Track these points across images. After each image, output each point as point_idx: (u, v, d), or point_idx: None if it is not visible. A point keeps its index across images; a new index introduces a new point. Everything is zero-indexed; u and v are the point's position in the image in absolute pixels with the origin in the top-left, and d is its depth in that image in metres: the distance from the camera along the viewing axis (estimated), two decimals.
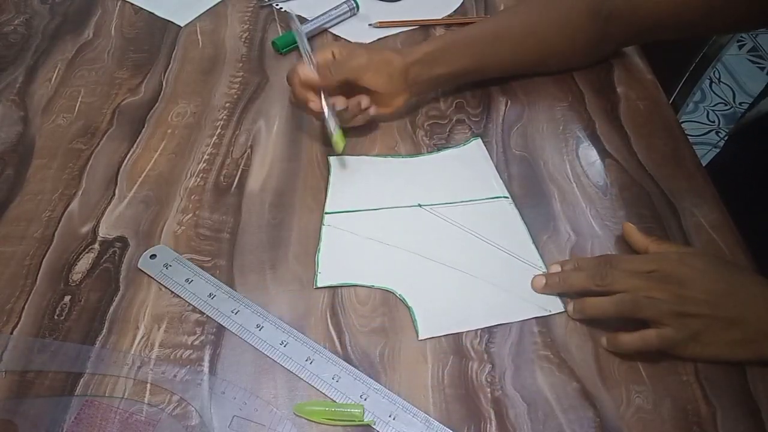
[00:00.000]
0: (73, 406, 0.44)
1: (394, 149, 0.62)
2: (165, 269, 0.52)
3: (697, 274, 0.46)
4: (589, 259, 0.51)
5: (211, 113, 0.66)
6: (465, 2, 0.81)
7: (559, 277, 0.50)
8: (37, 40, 0.76)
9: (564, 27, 0.64)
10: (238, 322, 0.49)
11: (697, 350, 0.45)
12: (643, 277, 0.46)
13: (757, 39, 2.01)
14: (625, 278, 0.46)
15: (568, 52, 0.66)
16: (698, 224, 0.55)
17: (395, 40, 0.76)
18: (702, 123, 1.75)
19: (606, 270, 0.47)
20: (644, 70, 0.71)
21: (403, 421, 0.43)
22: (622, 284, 0.46)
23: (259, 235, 0.55)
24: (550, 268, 0.51)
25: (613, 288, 0.46)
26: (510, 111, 0.66)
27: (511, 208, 0.56)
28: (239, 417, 0.44)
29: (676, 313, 0.44)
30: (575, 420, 0.44)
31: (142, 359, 0.47)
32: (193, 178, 0.60)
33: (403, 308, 0.50)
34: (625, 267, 0.47)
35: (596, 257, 0.50)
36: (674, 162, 0.60)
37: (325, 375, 0.46)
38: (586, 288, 0.48)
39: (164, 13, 0.79)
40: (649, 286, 0.45)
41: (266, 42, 0.75)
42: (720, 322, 0.44)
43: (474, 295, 0.51)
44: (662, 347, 0.45)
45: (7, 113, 0.66)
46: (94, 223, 0.56)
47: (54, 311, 0.50)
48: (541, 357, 0.47)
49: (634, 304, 0.45)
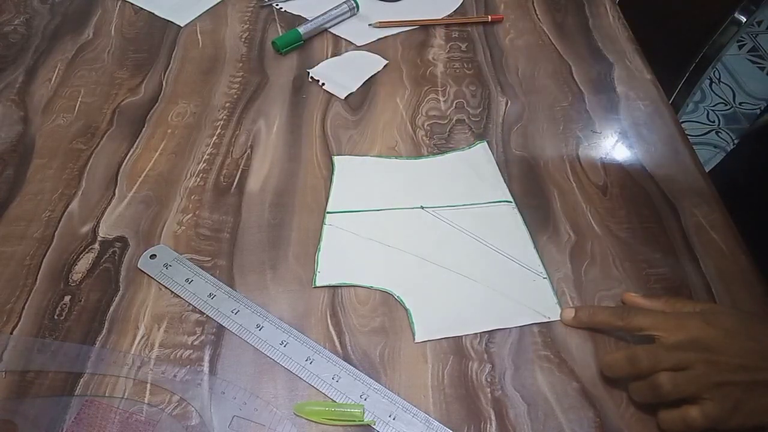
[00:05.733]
0: (73, 406, 0.44)
1: (394, 149, 0.62)
2: (165, 269, 0.52)
3: (726, 335, 0.42)
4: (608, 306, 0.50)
5: (211, 113, 0.66)
6: (465, 2, 0.81)
7: (588, 311, 0.48)
8: (37, 40, 0.76)
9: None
10: (238, 322, 0.49)
11: (741, 420, 0.41)
12: (667, 321, 0.44)
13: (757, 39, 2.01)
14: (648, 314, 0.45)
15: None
16: (698, 224, 0.55)
17: (395, 40, 0.76)
18: (702, 123, 1.75)
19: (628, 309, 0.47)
20: (644, 70, 0.71)
21: (403, 421, 0.43)
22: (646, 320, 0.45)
23: (259, 235, 0.55)
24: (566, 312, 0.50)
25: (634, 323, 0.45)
26: (510, 111, 0.66)
27: (515, 212, 0.56)
28: (239, 417, 0.44)
29: (714, 384, 0.41)
30: (575, 420, 0.44)
31: (142, 359, 0.47)
32: (193, 178, 0.60)
33: (403, 308, 0.50)
34: (646, 311, 0.46)
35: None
36: (674, 162, 0.60)
37: (325, 375, 0.46)
38: (611, 324, 0.47)
39: (164, 13, 0.79)
40: (679, 356, 0.42)
41: (266, 42, 0.75)
42: (761, 387, 0.41)
43: (473, 299, 0.51)
44: (707, 426, 0.41)
45: (7, 113, 0.66)
46: (94, 223, 0.56)
47: (54, 311, 0.50)
48: (541, 357, 0.47)
49: (673, 386, 0.42)
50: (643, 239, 0.54)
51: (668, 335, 0.43)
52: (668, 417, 0.43)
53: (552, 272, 0.52)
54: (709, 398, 0.41)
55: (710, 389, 0.41)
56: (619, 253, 0.53)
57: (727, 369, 0.41)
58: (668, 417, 0.43)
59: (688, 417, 0.41)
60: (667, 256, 0.53)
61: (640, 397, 0.44)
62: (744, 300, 0.50)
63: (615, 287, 0.51)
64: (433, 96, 0.68)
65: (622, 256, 0.53)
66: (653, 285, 0.51)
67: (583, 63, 0.71)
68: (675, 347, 0.43)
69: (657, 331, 0.44)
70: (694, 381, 0.41)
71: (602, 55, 0.72)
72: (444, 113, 0.66)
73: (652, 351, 0.43)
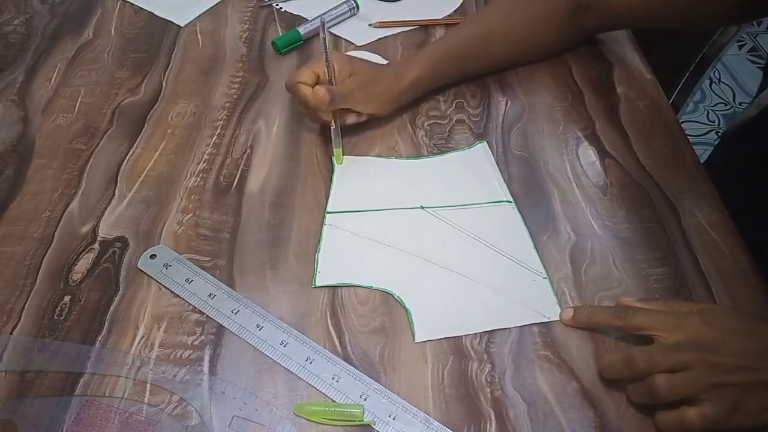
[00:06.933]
0: (73, 406, 0.44)
1: (394, 149, 0.62)
2: (165, 269, 0.52)
3: (724, 335, 0.42)
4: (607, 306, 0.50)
5: (211, 113, 0.66)
6: (465, 2, 0.81)
7: (587, 311, 0.49)
8: (37, 40, 0.76)
9: (545, 21, 0.67)
10: (238, 322, 0.49)
11: (738, 421, 0.41)
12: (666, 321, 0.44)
13: (757, 39, 2.01)
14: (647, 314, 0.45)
15: (549, 44, 0.70)
16: (698, 224, 0.55)
17: (395, 40, 0.76)
18: (702, 123, 1.75)
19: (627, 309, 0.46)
20: (644, 70, 0.71)
21: (403, 421, 0.43)
22: (644, 320, 0.45)
23: (259, 235, 0.55)
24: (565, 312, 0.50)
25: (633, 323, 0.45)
26: (510, 111, 0.66)
27: (515, 212, 0.56)
28: (239, 417, 0.44)
29: (712, 385, 0.41)
30: (575, 420, 0.44)
31: (142, 359, 0.47)
32: (193, 178, 0.60)
33: (403, 308, 0.50)
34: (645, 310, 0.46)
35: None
36: (674, 162, 0.60)
37: (325, 375, 0.46)
38: (609, 323, 0.47)
39: (164, 13, 0.79)
40: (677, 357, 0.42)
41: (266, 42, 0.75)
42: (758, 388, 0.41)
43: (473, 299, 0.51)
44: (705, 427, 0.41)
45: (7, 113, 0.66)
46: (94, 223, 0.56)
47: (54, 311, 0.50)
48: (541, 357, 0.47)
49: (669, 388, 0.41)
50: (643, 239, 0.54)
51: (667, 335, 0.43)
52: (666, 418, 0.42)
53: (552, 272, 0.52)
54: (707, 399, 0.41)
55: (708, 390, 0.41)
56: (619, 253, 0.53)
57: (726, 370, 0.41)
58: (666, 418, 0.42)
59: (686, 418, 0.41)
60: (667, 256, 0.53)
61: (637, 399, 0.44)
62: (744, 300, 0.50)
63: (615, 287, 0.51)
64: (433, 96, 0.67)
65: (622, 256, 0.53)
66: (653, 285, 0.51)
67: (583, 63, 0.71)
68: (673, 348, 0.43)
69: (656, 331, 0.44)
70: (692, 383, 0.41)
71: (602, 55, 0.72)
72: (444, 113, 0.66)
73: (648, 353, 0.43)
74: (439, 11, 0.79)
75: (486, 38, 0.66)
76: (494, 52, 0.67)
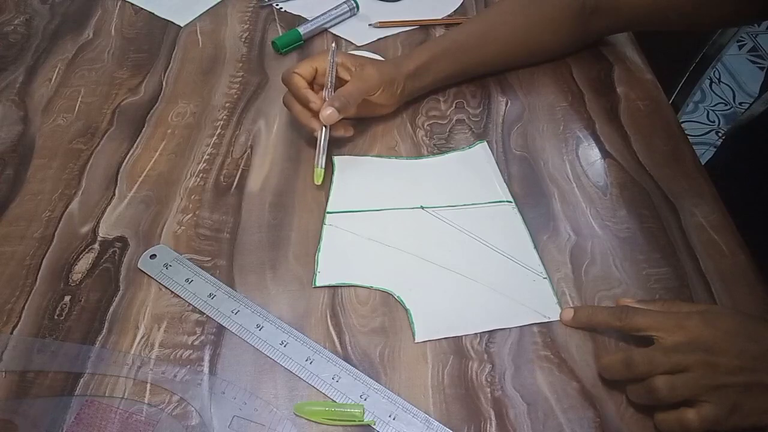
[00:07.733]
0: (73, 406, 0.44)
1: (394, 149, 0.62)
2: (165, 269, 0.52)
3: (724, 336, 0.42)
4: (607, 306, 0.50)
5: (211, 113, 0.66)
6: (465, 2, 0.81)
7: (587, 312, 0.48)
8: (37, 40, 0.76)
9: (550, 23, 0.67)
10: (238, 322, 0.49)
11: (738, 421, 0.41)
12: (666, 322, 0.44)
13: (757, 39, 2.01)
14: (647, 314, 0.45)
15: (554, 46, 0.70)
16: (698, 224, 0.55)
17: (395, 40, 0.76)
18: (702, 123, 1.75)
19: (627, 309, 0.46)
20: (644, 70, 0.71)
21: (403, 421, 0.43)
22: (644, 321, 0.45)
23: (259, 235, 0.55)
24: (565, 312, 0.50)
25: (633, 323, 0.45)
26: (510, 111, 0.66)
27: (515, 212, 0.56)
28: (239, 417, 0.44)
29: (712, 386, 0.41)
30: (575, 420, 0.44)
31: (142, 359, 0.47)
32: (193, 178, 0.60)
33: (403, 308, 0.50)
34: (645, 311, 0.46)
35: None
36: (674, 162, 0.60)
37: (325, 375, 0.46)
38: (609, 324, 0.47)
39: (164, 13, 0.79)
40: (676, 358, 0.42)
41: (266, 42, 0.75)
42: (758, 388, 0.41)
43: (473, 299, 0.51)
44: (704, 428, 0.41)
45: (7, 113, 0.66)
46: (94, 223, 0.56)
47: (54, 311, 0.50)
48: (541, 357, 0.47)
49: (669, 390, 0.41)
50: (643, 239, 0.54)
51: (667, 336, 0.43)
52: (665, 419, 0.42)
53: (552, 272, 0.52)
54: (707, 400, 0.41)
55: (708, 392, 0.41)
56: (619, 253, 0.53)
57: (726, 371, 0.41)
58: (665, 419, 0.42)
59: (685, 419, 0.41)
60: (667, 256, 0.53)
61: (637, 400, 0.44)
62: (744, 300, 0.50)
63: (615, 287, 0.51)
64: (433, 96, 0.67)
65: (622, 256, 0.53)
66: (653, 285, 0.51)
67: (583, 63, 0.71)
68: (673, 349, 0.43)
69: (656, 332, 0.44)
70: (692, 384, 0.41)
71: (602, 55, 0.72)
72: (444, 113, 0.66)
73: (648, 354, 0.43)
74: (439, 11, 0.79)
75: (485, 40, 0.66)
76: (492, 53, 0.67)
